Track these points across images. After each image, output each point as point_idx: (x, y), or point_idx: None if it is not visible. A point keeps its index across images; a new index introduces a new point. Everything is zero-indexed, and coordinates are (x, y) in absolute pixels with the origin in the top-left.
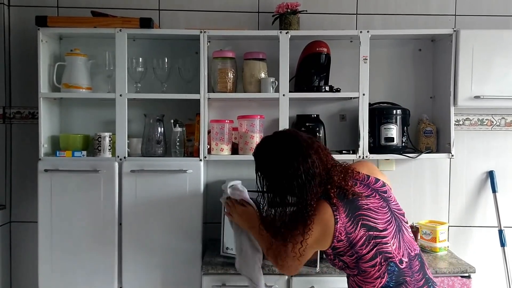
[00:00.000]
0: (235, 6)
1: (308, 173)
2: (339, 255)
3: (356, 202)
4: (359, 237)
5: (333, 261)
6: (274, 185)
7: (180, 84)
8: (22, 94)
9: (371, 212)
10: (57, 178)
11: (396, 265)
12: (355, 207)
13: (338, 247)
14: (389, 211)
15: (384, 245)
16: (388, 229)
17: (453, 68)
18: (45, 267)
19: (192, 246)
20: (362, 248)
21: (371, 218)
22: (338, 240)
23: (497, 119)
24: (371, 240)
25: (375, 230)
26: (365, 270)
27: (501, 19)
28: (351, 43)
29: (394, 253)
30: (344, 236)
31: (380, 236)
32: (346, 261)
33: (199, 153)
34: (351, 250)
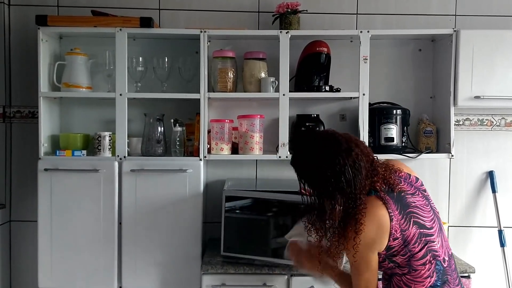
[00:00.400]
0: (235, 6)
1: (354, 166)
2: (392, 256)
3: (405, 200)
4: (412, 235)
5: (381, 263)
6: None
7: (180, 84)
8: (22, 93)
9: (419, 210)
10: (57, 177)
11: (441, 264)
12: (405, 204)
13: (393, 247)
14: (431, 209)
15: (432, 243)
16: (434, 227)
17: (453, 68)
18: (44, 266)
19: (192, 245)
20: (415, 246)
21: (420, 216)
22: (394, 238)
23: (497, 119)
24: (422, 238)
25: (424, 228)
26: (416, 269)
27: (502, 19)
28: (351, 43)
29: (440, 252)
30: (400, 234)
31: (429, 234)
32: (398, 261)
33: (199, 152)
34: (404, 249)
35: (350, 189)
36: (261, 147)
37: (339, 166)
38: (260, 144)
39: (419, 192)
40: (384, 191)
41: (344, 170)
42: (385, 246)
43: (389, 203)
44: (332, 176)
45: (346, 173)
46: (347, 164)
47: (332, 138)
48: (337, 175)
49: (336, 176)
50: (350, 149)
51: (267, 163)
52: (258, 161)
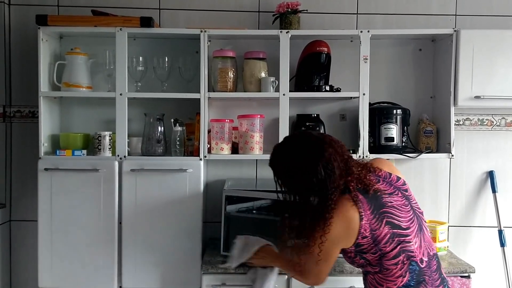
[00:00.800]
0: (235, 6)
1: (327, 167)
2: (362, 252)
3: (381, 199)
4: (383, 235)
5: (353, 259)
6: (295, 188)
7: (180, 83)
8: (22, 92)
9: (395, 210)
10: (57, 177)
11: (417, 264)
12: (379, 204)
13: (362, 244)
14: (411, 209)
15: (407, 244)
16: (411, 227)
17: (454, 68)
18: (45, 265)
19: (192, 245)
20: (386, 245)
21: (395, 216)
22: (362, 236)
23: (497, 119)
24: (395, 238)
25: (399, 228)
26: (387, 268)
27: (502, 19)
28: (351, 43)
29: (416, 252)
30: (369, 233)
31: (404, 234)
32: (368, 259)
33: (199, 152)
34: (375, 248)
35: (322, 190)
36: (261, 147)
37: (311, 167)
38: (260, 144)
39: (399, 192)
40: (359, 191)
41: (317, 172)
42: (352, 243)
43: (361, 202)
44: (305, 177)
45: (319, 174)
46: (319, 165)
47: (306, 139)
48: (310, 176)
49: (308, 177)
50: (322, 150)
51: (267, 163)
52: (258, 161)
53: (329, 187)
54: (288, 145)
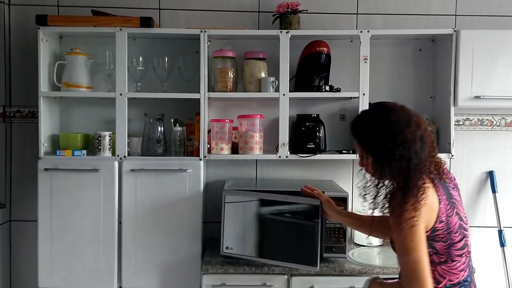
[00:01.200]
0: (235, 6)
1: (422, 139)
2: (434, 240)
3: (449, 190)
4: (454, 223)
5: None
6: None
7: (180, 84)
8: (22, 93)
9: (457, 203)
10: (57, 177)
11: (471, 260)
12: (449, 194)
13: (438, 229)
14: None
15: (468, 239)
16: (467, 223)
17: (453, 68)
18: (44, 266)
19: (192, 245)
20: (456, 235)
21: (459, 208)
22: (440, 220)
23: (497, 119)
24: (461, 230)
25: (463, 222)
26: (454, 259)
27: (501, 19)
28: (351, 43)
29: (470, 248)
30: (445, 218)
31: (465, 228)
32: (437, 248)
33: (199, 152)
34: (447, 235)
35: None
36: (261, 147)
37: (410, 135)
38: (260, 144)
39: (457, 189)
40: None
41: (415, 140)
42: (431, 226)
43: (438, 186)
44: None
45: (417, 142)
46: (417, 135)
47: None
48: (407, 143)
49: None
50: (419, 123)
51: (267, 163)
52: (258, 161)
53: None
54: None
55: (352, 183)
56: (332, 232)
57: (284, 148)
